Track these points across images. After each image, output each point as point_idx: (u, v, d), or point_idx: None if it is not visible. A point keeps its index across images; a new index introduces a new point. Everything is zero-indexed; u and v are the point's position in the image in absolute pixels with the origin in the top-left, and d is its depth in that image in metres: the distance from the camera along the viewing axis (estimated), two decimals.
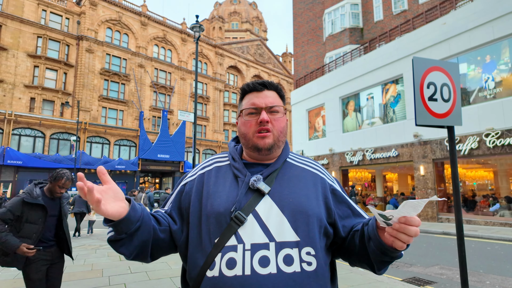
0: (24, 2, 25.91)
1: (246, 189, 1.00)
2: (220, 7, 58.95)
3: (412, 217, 0.80)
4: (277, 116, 1.07)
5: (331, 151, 18.75)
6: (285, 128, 1.09)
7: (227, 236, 0.93)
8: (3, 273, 5.49)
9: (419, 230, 0.82)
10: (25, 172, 24.24)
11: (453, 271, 5.71)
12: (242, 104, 1.11)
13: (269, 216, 0.96)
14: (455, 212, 2.61)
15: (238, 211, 0.95)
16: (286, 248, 0.92)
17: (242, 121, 1.09)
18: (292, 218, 0.96)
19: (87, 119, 27.38)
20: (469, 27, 12.28)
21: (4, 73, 24.16)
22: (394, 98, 15.42)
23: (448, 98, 2.77)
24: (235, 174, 1.05)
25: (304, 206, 0.98)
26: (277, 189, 1.01)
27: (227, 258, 0.91)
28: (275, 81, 48.01)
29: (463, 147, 12.13)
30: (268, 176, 1.04)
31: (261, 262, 0.89)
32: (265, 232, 0.94)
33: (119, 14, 31.00)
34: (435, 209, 13.09)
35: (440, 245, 8.48)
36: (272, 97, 1.09)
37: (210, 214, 0.97)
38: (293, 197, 1.00)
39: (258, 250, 0.91)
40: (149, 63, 32.83)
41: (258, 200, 0.98)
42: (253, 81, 1.11)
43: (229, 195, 0.99)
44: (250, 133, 1.05)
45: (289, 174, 1.07)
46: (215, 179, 1.06)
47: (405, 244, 0.83)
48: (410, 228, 0.80)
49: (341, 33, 21.91)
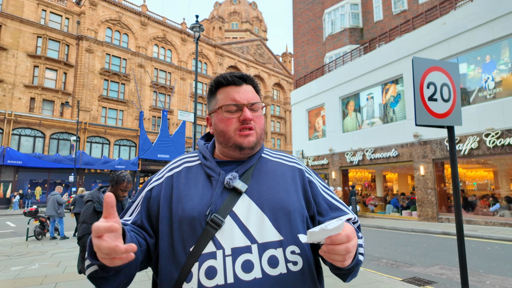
0: (24, 2, 25.89)
1: (221, 189, 0.92)
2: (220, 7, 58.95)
3: (338, 235, 0.73)
4: (258, 113, 1.00)
5: (331, 151, 18.75)
6: (264, 125, 1.04)
7: (203, 242, 0.84)
8: (3, 273, 5.49)
9: (350, 246, 0.74)
10: (25, 172, 24.24)
11: (453, 271, 5.71)
12: (218, 98, 1.01)
13: (249, 216, 0.88)
14: (455, 212, 2.61)
15: (214, 214, 0.86)
16: (270, 249, 0.85)
17: (220, 118, 0.99)
18: (273, 216, 0.89)
19: (87, 119, 27.37)
20: (469, 27, 12.28)
21: (4, 73, 24.15)
22: (394, 98, 15.43)
23: (448, 98, 2.77)
24: (208, 173, 0.96)
25: (285, 202, 0.92)
26: (255, 187, 0.94)
27: (206, 267, 0.82)
28: (275, 81, 48.08)
29: (463, 147, 12.13)
30: (243, 174, 0.96)
31: (245, 267, 0.82)
32: (246, 234, 0.86)
33: (119, 14, 30.99)
34: (435, 209, 13.09)
35: (440, 245, 8.48)
36: (252, 93, 1.01)
37: (183, 219, 0.88)
38: (272, 193, 0.93)
39: (240, 254, 0.83)
40: (149, 63, 32.83)
41: (235, 200, 0.90)
42: (229, 73, 1.02)
43: (203, 197, 0.90)
44: (230, 131, 0.97)
45: (265, 170, 0.99)
46: (186, 181, 0.96)
47: (346, 261, 0.75)
48: (338, 249, 0.73)
49: (341, 33, 21.91)
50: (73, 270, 5.68)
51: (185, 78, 35.73)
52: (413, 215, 14.25)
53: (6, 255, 7.07)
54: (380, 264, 6.45)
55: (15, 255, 7.07)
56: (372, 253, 7.47)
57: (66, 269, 5.74)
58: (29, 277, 5.22)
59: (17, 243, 8.80)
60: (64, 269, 5.77)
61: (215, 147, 1.07)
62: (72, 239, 9.68)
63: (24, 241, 9.14)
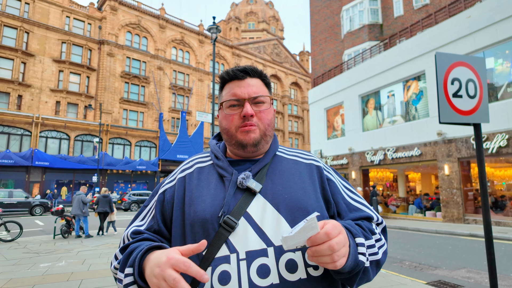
0: (49, 9, 27.02)
1: (234, 190, 0.87)
2: (236, 8, 59.24)
3: (316, 234, 0.68)
4: (263, 108, 0.94)
5: (351, 151, 18.42)
6: (272, 120, 0.97)
7: (216, 246, 0.80)
8: (33, 270, 5.74)
9: (333, 243, 0.68)
10: (52, 173, 25.28)
11: (481, 275, 5.47)
12: (223, 94, 0.98)
13: (264, 217, 0.83)
14: (483, 213, 2.49)
15: (227, 215, 0.82)
16: (288, 252, 0.80)
17: (223, 115, 0.95)
18: (290, 217, 0.84)
19: (109, 121, 28.21)
20: (496, 19, 11.74)
21: (32, 78, 25.31)
22: (416, 95, 14.97)
23: (474, 94, 2.65)
24: (220, 173, 0.92)
25: (302, 202, 0.86)
26: (270, 186, 0.89)
27: (219, 272, 0.78)
28: (292, 80, 47.80)
29: (490, 145, 11.61)
30: (257, 173, 0.91)
31: (260, 272, 0.77)
32: (261, 236, 0.81)
33: (138, 18, 31.76)
34: (461, 209, 12.60)
35: (467, 247, 8.16)
36: (256, 86, 0.96)
37: (195, 222, 0.84)
38: (288, 192, 0.88)
39: (255, 258, 0.78)
40: (167, 65, 33.45)
41: (249, 201, 0.86)
42: (234, 67, 0.98)
43: (215, 198, 0.87)
44: (232, 128, 0.93)
45: (281, 168, 0.94)
46: (198, 182, 0.93)
47: (336, 261, 0.70)
48: (320, 249, 0.68)
49: (360, 29, 21.49)
50: (97, 268, 5.86)
51: (203, 79, 36.16)
52: (437, 216, 13.78)
53: (36, 252, 7.40)
54: (403, 266, 6.27)
55: (43, 253, 7.38)
56: (394, 254, 7.28)
57: (90, 267, 5.94)
58: (57, 274, 5.44)
59: (45, 241, 9.18)
60: (89, 266, 5.97)
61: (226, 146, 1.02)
62: (96, 237, 10.00)
63: (52, 239, 9.53)
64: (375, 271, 0.86)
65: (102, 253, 7.26)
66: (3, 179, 23.37)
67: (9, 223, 9.51)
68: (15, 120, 23.49)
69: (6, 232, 9.49)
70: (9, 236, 9.45)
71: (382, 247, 0.89)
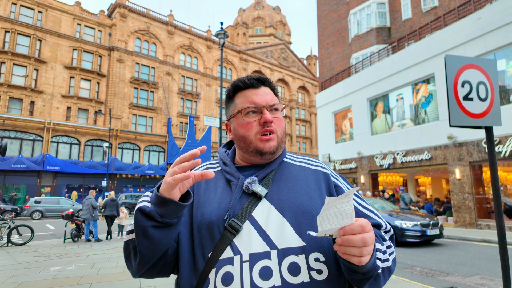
0: (61, 17, 27.64)
1: (240, 194, 0.90)
2: (244, 13, 59.67)
3: (351, 224, 0.69)
4: (278, 115, 0.98)
5: (360, 155, 18.26)
6: (285, 128, 1.01)
7: (221, 247, 0.83)
8: (43, 273, 5.81)
9: (367, 236, 0.69)
10: (63, 178, 25.65)
11: (495, 282, 5.33)
12: (236, 102, 0.99)
13: (268, 221, 0.85)
14: (496, 218, 2.44)
15: (232, 219, 0.85)
16: (291, 256, 0.81)
17: (239, 123, 0.97)
18: (294, 221, 0.85)
19: (119, 126, 28.57)
20: (507, 20, 11.56)
21: (44, 85, 25.85)
22: (425, 99, 14.79)
23: (485, 97, 2.60)
24: (227, 178, 0.95)
25: (307, 206, 0.87)
26: (275, 191, 0.91)
27: (223, 273, 0.80)
28: (299, 84, 47.80)
29: (503, 148, 11.38)
30: (264, 178, 0.94)
31: (262, 274, 0.78)
32: (265, 239, 0.83)
33: (147, 24, 32.24)
34: (473, 214, 12.34)
35: (480, 253, 7.96)
36: (270, 95, 1.00)
37: (201, 224, 0.87)
38: (294, 197, 0.89)
39: (257, 260, 0.80)
40: (176, 70, 33.80)
41: (255, 205, 0.88)
42: (247, 76, 1.01)
43: (222, 202, 0.89)
44: (251, 135, 0.94)
45: (287, 174, 0.96)
46: (206, 186, 0.96)
47: (363, 256, 0.70)
48: (353, 239, 0.68)
49: (368, 33, 21.40)
50: (106, 271, 5.90)
51: (211, 84, 36.40)
52: (448, 221, 13.51)
53: (46, 256, 7.50)
54: (413, 272, 6.15)
55: (54, 256, 7.47)
56: (405, 260, 7.15)
57: (100, 271, 5.98)
58: (67, 277, 5.49)
59: (56, 245, 9.30)
60: (98, 270, 6.01)
61: (235, 153, 1.05)
62: (105, 241, 10.08)
63: (62, 243, 9.64)
64: (386, 278, 0.86)
65: (111, 257, 7.31)
66: (15, 183, 23.82)
67: (21, 227, 9.67)
68: (27, 125, 23.98)
69: (18, 236, 9.66)
70: (21, 239, 9.61)
71: (392, 254, 0.89)
